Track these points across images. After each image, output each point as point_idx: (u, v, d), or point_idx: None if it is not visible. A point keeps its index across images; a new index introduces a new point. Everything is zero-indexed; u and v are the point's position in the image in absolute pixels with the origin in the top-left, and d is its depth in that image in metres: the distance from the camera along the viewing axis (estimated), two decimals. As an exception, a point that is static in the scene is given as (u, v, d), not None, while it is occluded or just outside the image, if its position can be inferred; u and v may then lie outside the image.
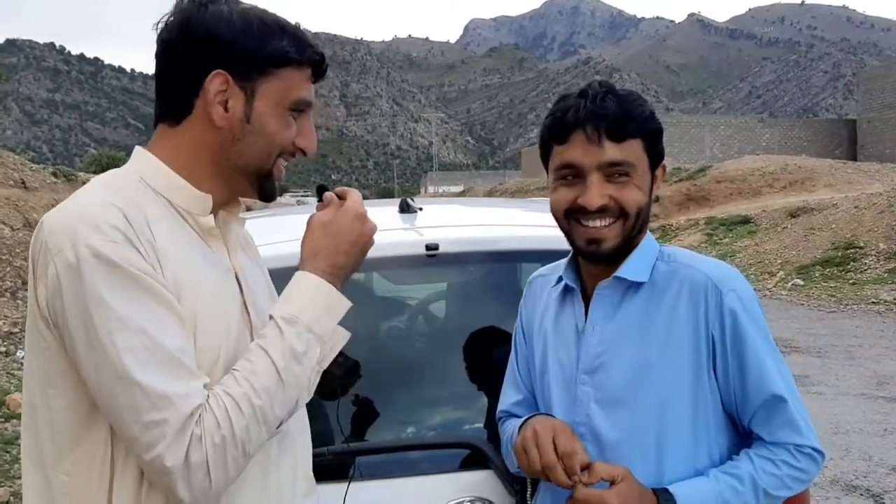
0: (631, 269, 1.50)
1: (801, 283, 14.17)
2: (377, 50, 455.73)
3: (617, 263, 1.50)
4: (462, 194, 50.99)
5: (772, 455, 1.44)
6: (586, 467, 1.39)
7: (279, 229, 2.44)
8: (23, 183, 13.84)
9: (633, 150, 1.44)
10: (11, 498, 5.09)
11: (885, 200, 16.71)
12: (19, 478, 5.45)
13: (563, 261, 1.63)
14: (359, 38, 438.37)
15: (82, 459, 1.15)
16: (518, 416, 1.64)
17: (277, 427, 1.20)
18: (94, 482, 1.15)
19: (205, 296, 1.19)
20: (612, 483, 1.38)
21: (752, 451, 1.46)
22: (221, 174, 1.27)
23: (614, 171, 1.44)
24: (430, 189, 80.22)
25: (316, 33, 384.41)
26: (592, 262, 1.52)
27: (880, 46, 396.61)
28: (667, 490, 1.40)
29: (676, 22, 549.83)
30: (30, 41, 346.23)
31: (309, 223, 1.33)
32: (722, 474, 1.43)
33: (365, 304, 2.91)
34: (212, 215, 1.28)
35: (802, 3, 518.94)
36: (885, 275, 13.82)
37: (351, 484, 1.73)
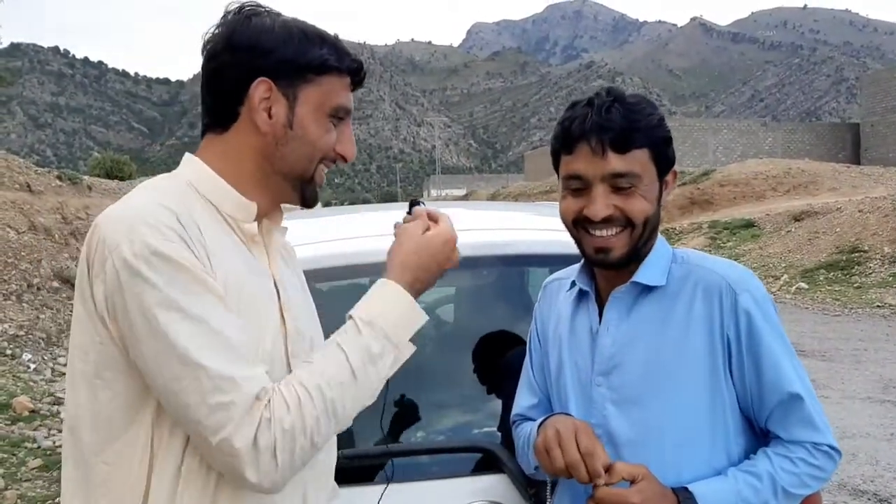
0: (647, 274, 1.50)
1: (806, 286, 14.16)
2: (380, 54, 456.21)
3: (628, 268, 1.51)
4: (465, 198, 51.02)
5: (789, 453, 1.45)
6: (608, 468, 1.39)
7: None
8: (28, 186, 13.86)
9: (638, 161, 1.44)
10: (18, 500, 5.09)
11: (889, 204, 16.69)
12: (27, 480, 5.47)
13: (578, 265, 1.64)
14: (362, 41, 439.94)
15: (124, 449, 1.18)
16: (533, 420, 1.65)
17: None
18: (133, 472, 1.18)
19: (246, 297, 1.22)
20: (633, 482, 1.38)
21: (770, 449, 1.47)
22: (265, 180, 1.31)
23: (619, 182, 1.44)
24: (433, 192, 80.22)
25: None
26: (602, 269, 1.54)
27: (883, 50, 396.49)
28: (686, 489, 1.40)
29: (679, 26, 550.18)
30: (34, 45, 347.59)
31: (398, 233, 1.38)
32: (740, 473, 1.44)
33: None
34: (255, 223, 1.32)
35: (805, 6, 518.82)
36: (890, 278, 13.79)
37: (362, 488, 1.73)
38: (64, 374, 8.40)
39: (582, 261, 1.62)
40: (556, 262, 2.54)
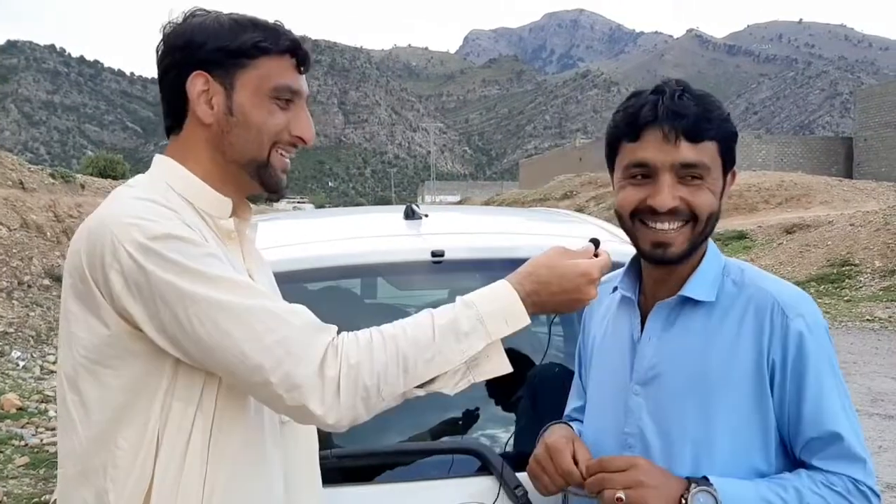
0: (697, 288, 1.44)
1: (797, 299, 14.20)
2: (377, 58, 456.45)
3: (679, 268, 1.46)
4: (459, 204, 51.06)
5: (826, 480, 1.36)
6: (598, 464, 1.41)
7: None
8: (20, 184, 13.82)
9: (708, 152, 1.39)
10: (5, 498, 5.07)
11: (880, 218, 16.79)
12: (14, 478, 5.44)
13: (621, 269, 1.59)
14: (358, 46, 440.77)
15: (134, 435, 1.21)
16: (579, 421, 1.67)
17: (418, 386, 1.24)
18: (140, 456, 1.21)
19: None
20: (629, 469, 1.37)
21: (806, 471, 1.39)
22: (223, 172, 1.34)
23: (688, 173, 1.38)
24: (428, 198, 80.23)
25: (316, 41, 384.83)
26: (656, 265, 1.47)
27: (878, 65, 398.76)
28: (704, 476, 1.36)
29: (675, 37, 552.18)
30: (30, 43, 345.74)
31: (551, 250, 1.37)
32: (766, 481, 1.38)
33: (367, 310, 2.92)
34: (231, 219, 1.36)
35: (800, 20, 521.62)
36: (881, 292, 13.86)
37: (352, 488, 1.73)
38: (53, 371, 8.37)
39: (626, 264, 1.58)
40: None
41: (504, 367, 1.30)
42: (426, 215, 2.40)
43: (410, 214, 2.39)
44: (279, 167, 1.35)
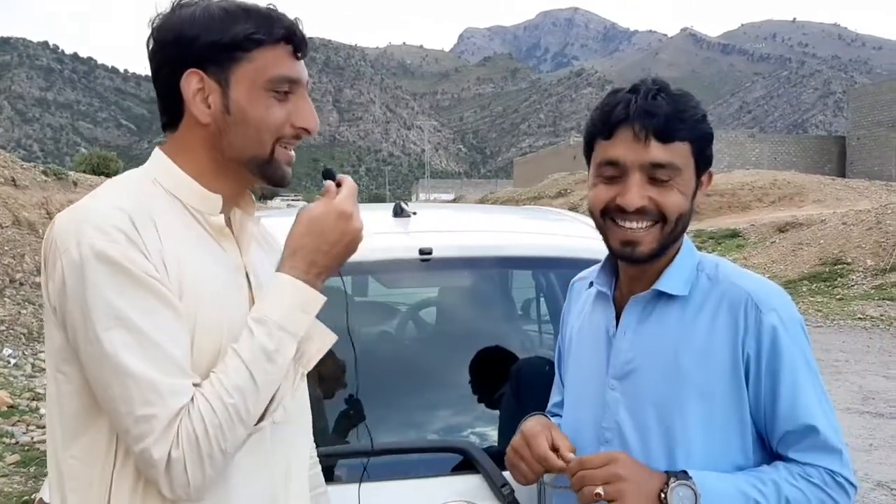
0: (670, 282, 1.45)
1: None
2: (371, 56, 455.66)
3: (651, 266, 1.46)
4: (453, 202, 51.08)
5: (803, 472, 1.37)
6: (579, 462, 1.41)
7: None
8: (13, 181, 13.77)
9: (680, 153, 1.38)
10: (-6, 496, 5.05)
11: (872, 217, 16.84)
12: (4, 476, 5.42)
13: (598, 265, 1.60)
14: (353, 44, 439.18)
15: (89, 445, 1.19)
16: (559, 416, 1.67)
17: (257, 423, 1.21)
18: (97, 469, 1.19)
19: (208, 295, 1.22)
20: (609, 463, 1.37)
21: (783, 464, 1.39)
22: (222, 169, 1.30)
23: (658, 173, 1.38)
24: (422, 196, 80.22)
25: (310, 38, 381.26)
26: (627, 263, 1.48)
27: (871, 64, 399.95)
28: (684, 471, 1.36)
29: (669, 36, 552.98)
30: (23, 39, 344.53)
31: (297, 217, 1.31)
32: (744, 473, 1.39)
33: (357, 308, 2.91)
34: (222, 215, 1.31)
35: (794, 19, 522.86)
36: (872, 291, 13.92)
37: (340, 486, 1.73)
38: (44, 369, 8.35)
39: (602, 260, 1.58)
40: (539, 265, 2.57)
41: (328, 340, 1.30)
42: (415, 213, 2.39)
43: (399, 212, 2.38)
44: (284, 160, 1.31)
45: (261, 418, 1.22)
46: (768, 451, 1.43)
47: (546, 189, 37.29)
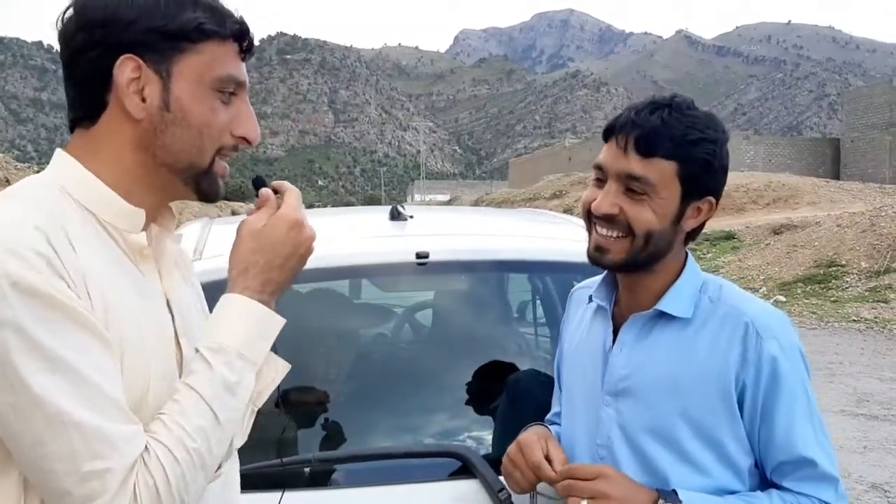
0: (673, 303, 1.43)
1: (784, 299, 14.28)
2: (367, 57, 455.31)
3: (644, 281, 1.46)
4: (449, 203, 51.10)
5: (796, 501, 1.37)
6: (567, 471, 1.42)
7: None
8: (7, 182, 13.74)
9: (659, 170, 1.35)
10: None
11: (867, 220, 16.89)
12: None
13: (598, 278, 1.58)
14: (349, 45, 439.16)
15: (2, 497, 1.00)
16: (559, 425, 1.67)
17: (217, 470, 1.11)
18: None
19: (130, 326, 1.04)
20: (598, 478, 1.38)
21: (777, 491, 1.39)
22: (149, 177, 1.12)
23: (633, 185, 1.36)
24: (417, 197, 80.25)
25: (306, 39, 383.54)
26: (598, 267, 1.48)
27: (865, 67, 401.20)
28: (673, 490, 1.36)
29: (664, 38, 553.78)
30: (17, 39, 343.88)
31: (238, 231, 1.18)
32: (735, 498, 1.38)
33: (356, 310, 2.92)
34: (144, 233, 1.13)
35: (789, 22, 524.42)
36: (867, 293, 13.94)
37: (336, 491, 1.73)
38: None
39: (604, 273, 1.56)
40: (536, 268, 2.58)
41: (282, 370, 1.19)
42: (411, 216, 2.40)
43: (396, 216, 2.38)
44: (220, 173, 1.16)
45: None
46: (762, 476, 1.43)
47: (541, 190, 37.33)
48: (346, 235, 2.38)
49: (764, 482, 1.42)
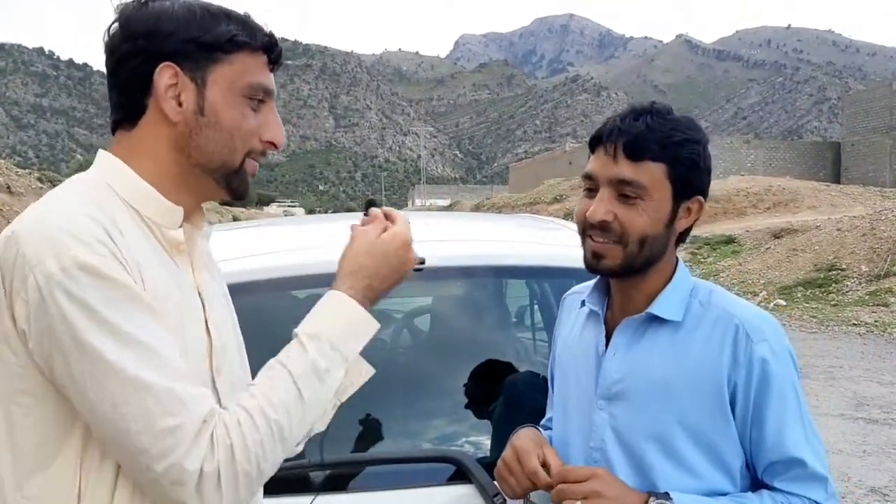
0: (665, 306, 1.45)
1: (784, 303, 14.29)
2: (367, 62, 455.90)
3: (637, 285, 1.48)
4: (449, 208, 51.10)
5: (787, 502, 1.39)
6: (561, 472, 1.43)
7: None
8: (8, 188, 13.76)
9: (649, 173, 1.38)
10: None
11: (867, 223, 16.90)
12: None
13: (591, 283, 1.60)
14: (349, 50, 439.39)
15: (48, 484, 1.08)
16: (552, 429, 1.68)
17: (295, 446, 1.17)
18: None
19: (173, 314, 1.13)
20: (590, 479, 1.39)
21: (768, 492, 1.41)
22: (185, 176, 1.22)
23: (625, 190, 1.39)
24: (418, 202, 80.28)
25: (307, 45, 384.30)
26: (595, 273, 1.51)
27: (865, 70, 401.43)
28: (666, 493, 1.38)
29: (664, 42, 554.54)
30: (18, 45, 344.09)
31: (352, 236, 1.30)
32: (727, 499, 1.40)
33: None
34: (181, 229, 1.22)
35: (789, 26, 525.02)
36: (867, 297, 13.95)
37: (332, 496, 1.73)
38: None
39: (596, 278, 1.57)
40: (533, 274, 2.59)
41: (365, 374, 1.26)
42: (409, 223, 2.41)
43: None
44: (250, 172, 1.25)
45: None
46: (753, 478, 1.45)
47: (542, 195, 37.34)
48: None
49: (755, 483, 1.44)
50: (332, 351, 1.18)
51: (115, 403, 1.02)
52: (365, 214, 1.36)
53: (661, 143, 1.38)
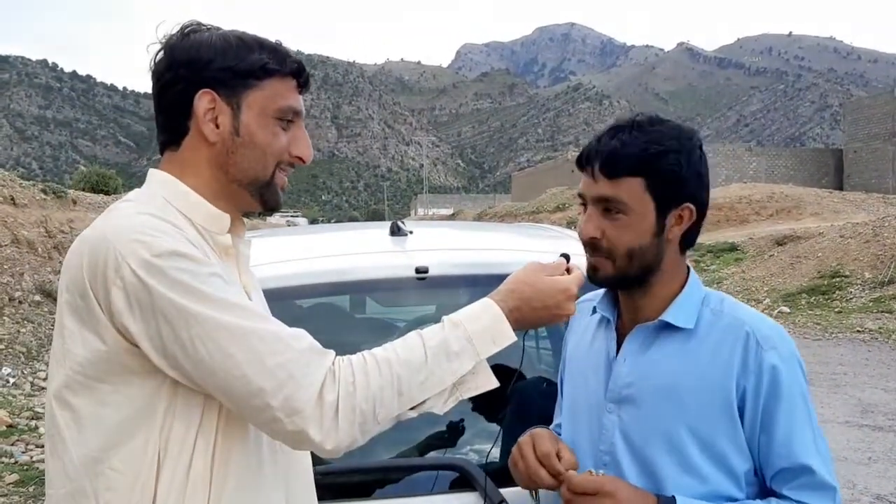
0: (677, 314, 1.48)
1: (787, 310, 14.26)
2: (369, 72, 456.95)
3: (643, 295, 1.51)
4: (452, 217, 51.11)
5: None
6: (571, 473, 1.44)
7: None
8: (12, 199, 13.78)
9: (628, 188, 1.43)
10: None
11: (870, 230, 16.87)
12: (3, 495, 5.41)
13: (602, 290, 1.62)
14: (351, 60, 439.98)
15: (131, 456, 1.19)
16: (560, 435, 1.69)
17: (411, 408, 1.25)
18: (141, 478, 1.19)
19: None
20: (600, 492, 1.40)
21: (776, 499, 1.43)
22: (224, 190, 1.34)
23: (608, 207, 1.45)
24: (421, 211, 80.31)
25: (309, 55, 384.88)
26: (595, 285, 1.54)
27: (867, 77, 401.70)
28: (673, 497, 1.40)
29: (666, 50, 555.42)
30: (22, 58, 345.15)
31: (528, 265, 1.42)
32: None
33: (357, 325, 2.94)
34: (229, 234, 1.35)
35: (790, 33, 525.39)
36: (871, 304, 13.91)
37: None
38: (44, 388, 8.34)
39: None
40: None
41: (490, 382, 1.33)
42: (411, 232, 2.43)
43: (396, 231, 2.41)
44: (280, 184, 1.37)
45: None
46: (761, 485, 1.46)
47: (544, 203, 37.36)
48: (347, 251, 2.41)
49: (763, 491, 1.46)
50: (467, 342, 1.28)
51: (229, 353, 1.14)
52: (561, 255, 1.47)
53: (633, 157, 1.42)
